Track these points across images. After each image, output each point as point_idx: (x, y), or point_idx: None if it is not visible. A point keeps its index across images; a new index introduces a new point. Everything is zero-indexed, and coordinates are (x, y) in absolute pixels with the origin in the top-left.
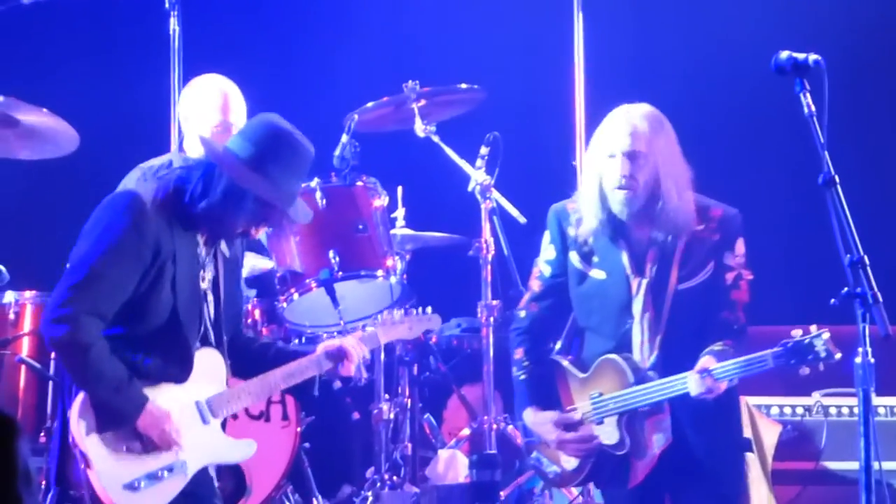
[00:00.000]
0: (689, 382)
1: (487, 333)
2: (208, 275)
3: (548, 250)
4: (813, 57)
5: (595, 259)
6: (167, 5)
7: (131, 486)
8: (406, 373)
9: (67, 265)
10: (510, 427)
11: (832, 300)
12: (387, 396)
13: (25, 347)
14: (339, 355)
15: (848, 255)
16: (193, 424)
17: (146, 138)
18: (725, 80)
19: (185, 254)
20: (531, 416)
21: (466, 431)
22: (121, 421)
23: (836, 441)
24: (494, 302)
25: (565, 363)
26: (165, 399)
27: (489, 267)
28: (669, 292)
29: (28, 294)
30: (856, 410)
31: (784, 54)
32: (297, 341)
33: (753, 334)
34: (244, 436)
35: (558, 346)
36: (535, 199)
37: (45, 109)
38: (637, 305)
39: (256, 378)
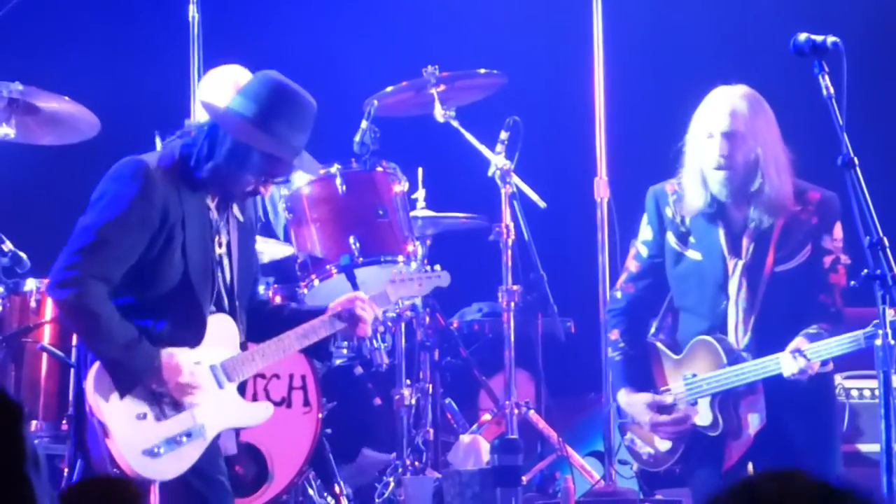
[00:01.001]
0: (782, 363)
1: (508, 318)
2: (223, 239)
3: (645, 231)
4: (831, 39)
5: (692, 240)
6: None
7: (151, 452)
8: (427, 358)
9: (73, 231)
10: (532, 412)
11: (852, 282)
12: (408, 382)
13: (47, 335)
14: (351, 317)
15: (867, 237)
16: (209, 388)
17: (166, 124)
18: (744, 63)
19: (194, 218)
20: (625, 397)
21: (488, 416)
22: (135, 378)
23: (857, 423)
24: (515, 287)
25: (660, 345)
26: (180, 359)
27: (509, 252)
28: (766, 274)
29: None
30: (877, 392)
31: (802, 36)
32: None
33: None
34: (266, 422)
35: (653, 328)
36: (555, 183)
37: (66, 97)
38: (732, 286)
39: (270, 340)
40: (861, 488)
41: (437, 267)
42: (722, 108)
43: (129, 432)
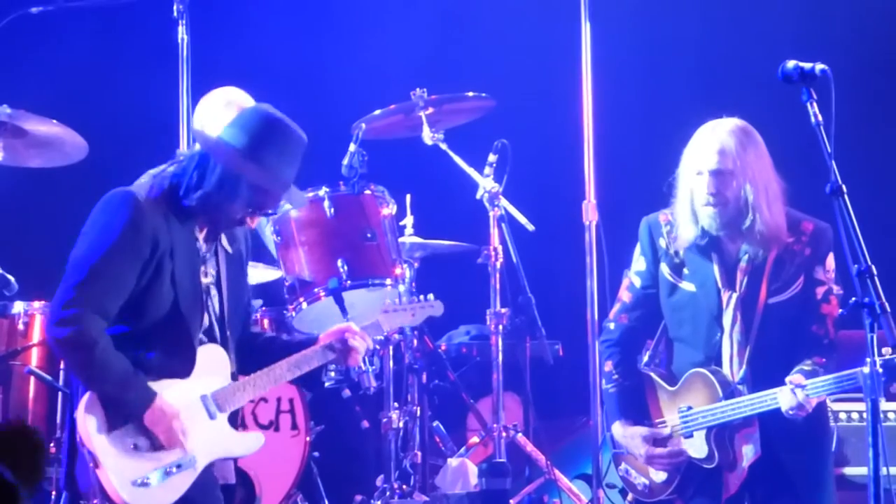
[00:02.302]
0: (780, 398)
1: (496, 341)
2: (210, 270)
3: (638, 262)
4: (820, 66)
5: (685, 271)
6: (175, 14)
7: (141, 483)
8: (415, 381)
9: (67, 266)
10: (520, 435)
11: (840, 310)
12: (396, 405)
13: (35, 358)
14: (343, 347)
15: (856, 265)
16: (200, 419)
17: (155, 146)
18: (733, 90)
19: (183, 248)
20: (620, 429)
21: (476, 440)
22: (128, 416)
23: (845, 446)
24: (503, 310)
25: (654, 376)
26: (171, 394)
27: (498, 275)
28: (759, 306)
29: (37, 304)
30: (865, 416)
31: (791, 63)
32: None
33: None
34: None
35: (646, 357)
36: (543, 206)
37: (54, 120)
38: (727, 318)
39: (262, 371)
40: None
41: (431, 296)
42: (710, 145)
43: (119, 463)
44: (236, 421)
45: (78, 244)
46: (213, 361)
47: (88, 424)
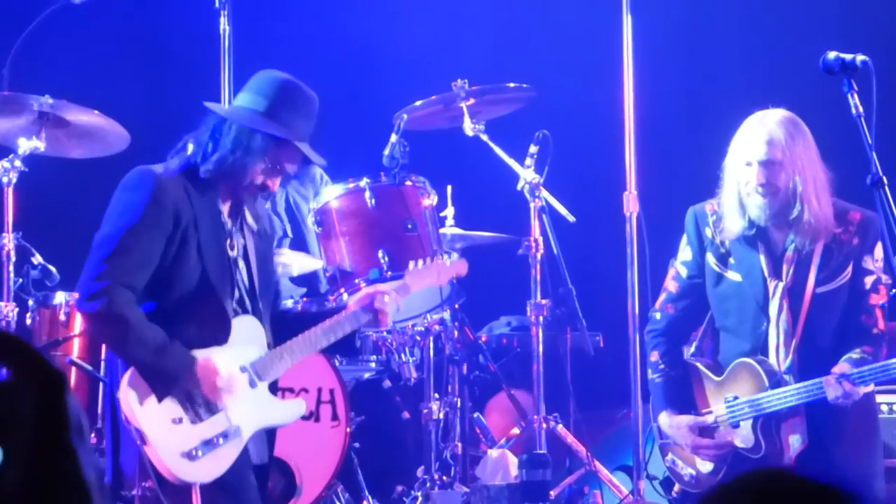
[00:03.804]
0: (826, 388)
1: (537, 332)
2: (237, 243)
3: (684, 251)
4: (860, 58)
5: (731, 261)
6: (217, 4)
7: (189, 455)
8: (456, 372)
9: (92, 244)
10: (560, 426)
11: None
12: (436, 396)
13: (76, 348)
14: (373, 309)
15: None
16: (242, 388)
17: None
18: (774, 80)
19: (206, 220)
20: (666, 419)
21: (516, 431)
22: (171, 383)
23: (887, 438)
24: (544, 301)
25: (701, 366)
26: (214, 360)
27: (538, 266)
28: (807, 296)
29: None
30: None
31: (832, 55)
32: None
33: None
34: (294, 434)
35: (692, 348)
36: (584, 197)
37: (96, 111)
38: (773, 308)
39: (297, 337)
40: (843, 489)
41: (455, 255)
42: (759, 135)
43: (166, 436)
44: (275, 390)
45: (102, 223)
46: (248, 332)
47: (131, 400)
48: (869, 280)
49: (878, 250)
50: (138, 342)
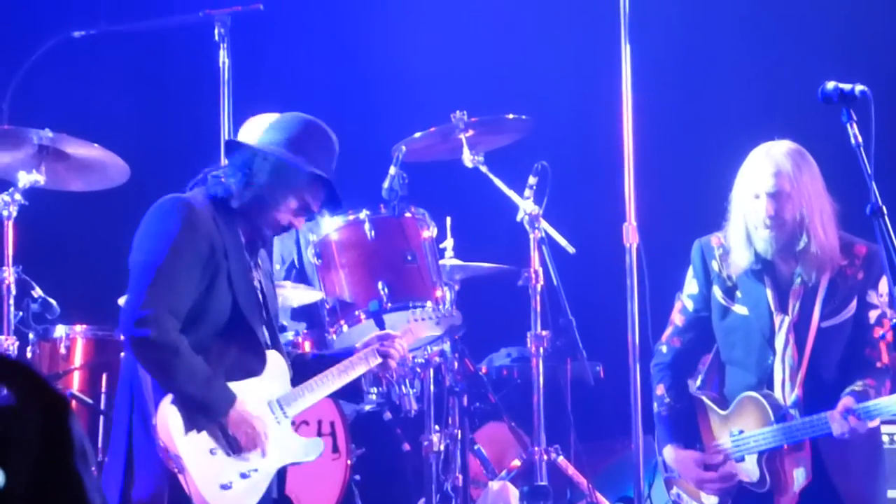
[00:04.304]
0: (832, 422)
1: (537, 363)
2: (255, 277)
3: (691, 284)
4: (859, 87)
5: (738, 294)
6: (217, 38)
7: (225, 486)
8: (456, 403)
9: (131, 271)
10: (561, 458)
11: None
12: (437, 427)
13: (77, 382)
14: (383, 353)
15: None
16: (270, 424)
17: (197, 170)
18: (775, 110)
19: (235, 250)
20: (671, 453)
21: (517, 462)
22: (213, 416)
23: (892, 468)
24: (544, 332)
25: (706, 399)
26: (249, 404)
27: (538, 297)
28: (812, 330)
29: (79, 328)
30: None
31: (830, 84)
32: None
33: None
34: (294, 469)
35: (699, 381)
36: (583, 228)
37: (95, 144)
38: (779, 342)
39: (314, 377)
40: None
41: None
42: (767, 167)
43: (206, 465)
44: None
45: (137, 249)
46: (276, 367)
47: (172, 427)
48: (873, 314)
49: (883, 284)
50: (187, 372)
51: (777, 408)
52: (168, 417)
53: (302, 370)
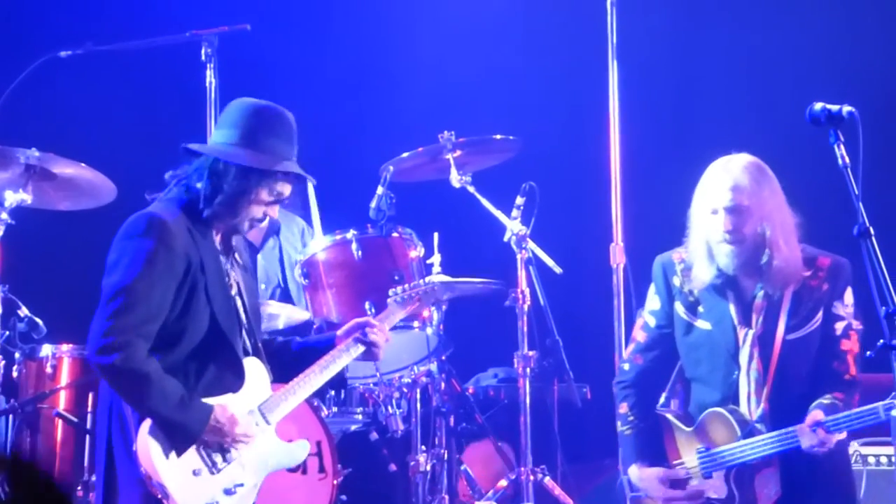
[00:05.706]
0: (801, 436)
1: (524, 384)
2: (233, 279)
3: (653, 300)
4: (847, 108)
5: (700, 309)
6: (203, 57)
7: None
8: (443, 423)
9: (101, 293)
10: (547, 478)
11: (868, 352)
12: (423, 448)
13: (63, 401)
14: (366, 340)
15: (884, 307)
16: (253, 432)
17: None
18: (761, 132)
19: (211, 262)
20: (637, 472)
21: (504, 483)
22: (192, 437)
23: (874, 490)
24: (531, 352)
25: (671, 417)
26: (232, 410)
27: (525, 317)
28: (777, 343)
29: (65, 347)
30: (894, 460)
31: (818, 106)
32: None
33: None
34: (281, 487)
35: (662, 398)
36: (571, 249)
37: (82, 164)
38: (744, 356)
39: (296, 379)
40: None
41: (430, 278)
42: (724, 182)
43: (189, 488)
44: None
45: (109, 271)
46: (254, 374)
47: (153, 455)
48: (840, 326)
49: (849, 295)
50: (160, 396)
51: (743, 423)
52: (148, 444)
53: (287, 364)
